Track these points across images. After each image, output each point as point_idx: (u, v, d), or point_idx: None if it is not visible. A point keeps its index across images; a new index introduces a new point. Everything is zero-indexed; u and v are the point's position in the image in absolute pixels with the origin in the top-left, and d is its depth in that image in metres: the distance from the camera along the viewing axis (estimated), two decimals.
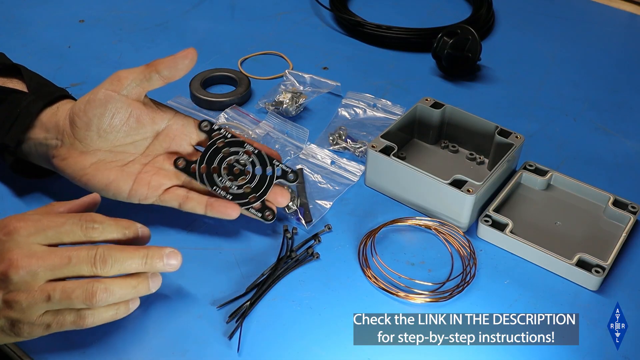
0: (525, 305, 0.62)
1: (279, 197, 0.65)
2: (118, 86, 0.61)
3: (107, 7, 1.08)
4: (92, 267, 0.50)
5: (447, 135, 0.80)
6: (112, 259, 0.51)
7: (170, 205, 0.64)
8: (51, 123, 0.64)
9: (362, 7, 1.09)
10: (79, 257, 0.50)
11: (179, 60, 0.60)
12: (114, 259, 0.51)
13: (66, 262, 0.50)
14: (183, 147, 0.65)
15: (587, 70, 0.98)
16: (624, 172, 0.79)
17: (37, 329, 0.51)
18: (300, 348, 0.58)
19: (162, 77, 0.61)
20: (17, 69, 0.70)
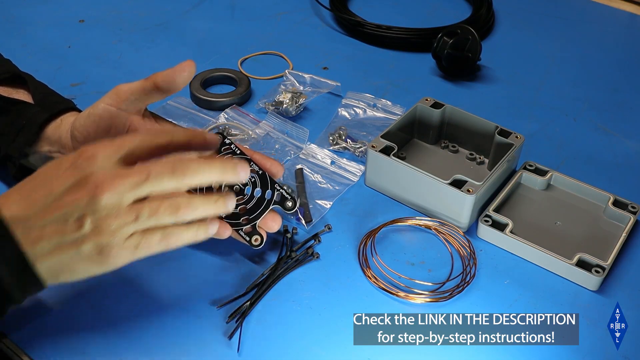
0: (525, 305, 0.62)
1: (270, 221, 0.63)
2: (117, 101, 0.60)
3: (107, 7, 1.08)
4: (173, 178, 0.50)
5: (447, 135, 0.80)
6: (190, 168, 0.51)
7: None
8: (55, 137, 0.64)
9: (362, 7, 1.09)
10: (157, 170, 0.50)
11: (176, 73, 0.59)
12: (192, 169, 0.51)
13: (145, 177, 0.49)
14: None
15: (587, 70, 0.98)
16: (624, 172, 0.79)
17: (125, 253, 0.50)
18: (300, 348, 0.58)
19: (161, 91, 0.60)
20: (22, 78, 0.69)
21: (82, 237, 0.49)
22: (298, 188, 0.73)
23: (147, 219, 0.50)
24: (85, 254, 0.49)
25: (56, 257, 0.49)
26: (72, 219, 0.49)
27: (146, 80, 0.60)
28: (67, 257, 0.49)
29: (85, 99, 0.87)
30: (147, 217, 0.50)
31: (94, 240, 0.49)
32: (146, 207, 0.50)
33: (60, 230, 0.49)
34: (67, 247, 0.49)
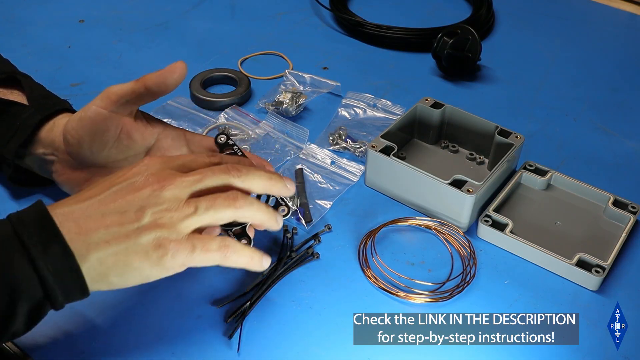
0: (525, 305, 0.62)
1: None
2: (108, 103, 0.60)
3: (107, 7, 1.08)
4: (228, 175, 0.52)
5: (447, 135, 0.80)
6: (243, 170, 0.53)
7: None
8: (48, 139, 0.63)
9: (362, 7, 1.09)
10: (213, 169, 0.52)
11: (167, 75, 0.59)
12: (244, 171, 0.53)
13: (202, 176, 0.52)
14: None
15: (587, 70, 0.98)
16: (624, 172, 0.79)
17: (183, 252, 0.49)
18: (300, 348, 0.58)
19: (152, 93, 0.60)
20: (17, 79, 0.69)
21: (142, 227, 0.48)
22: (298, 188, 0.73)
23: (205, 210, 0.50)
24: (143, 246, 0.48)
25: (112, 247, 0.47)
26: (132, 210, 0.48)
27: (137, 82, 0.59)
28: (122, 248, 0.48)
29: (85, 99, 0.86)
30: (205, 209, 0.50)
31: (153, 231, 0.48)
32: (204, 199, 0.51)
33: (118, 220, 0.48)
34: (124, 237, 0.48)
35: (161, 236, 0.48)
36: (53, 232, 0.47)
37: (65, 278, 0.46)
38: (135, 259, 0.48)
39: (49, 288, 0.46)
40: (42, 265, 0.45)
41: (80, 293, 0.48)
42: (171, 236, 0.49)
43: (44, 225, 0.47)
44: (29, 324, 0.48)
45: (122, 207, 0.49)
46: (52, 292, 0.46)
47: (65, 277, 0.46)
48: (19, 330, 0.47)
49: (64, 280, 0.46)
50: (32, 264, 0.45)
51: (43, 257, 0.46)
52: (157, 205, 0.49)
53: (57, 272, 0.46)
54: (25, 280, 0.45)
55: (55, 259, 0.46)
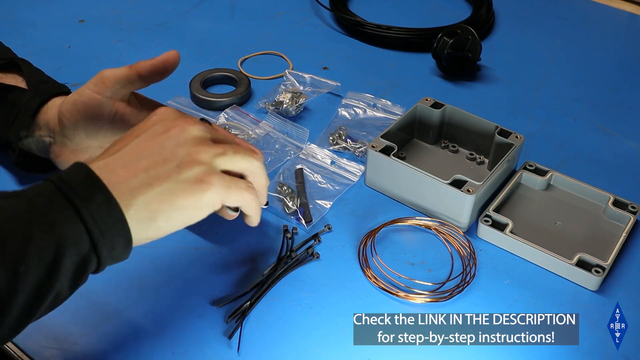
0: (525, 305, 0.62)
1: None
2: (102, 88, 0.60)
3: (107, 7, 1.08)
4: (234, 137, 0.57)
5: (447, 135, 0.80)
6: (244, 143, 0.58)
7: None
8: (43, 121, 0.65)
9: (362, 7, 1.09)
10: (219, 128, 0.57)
11: (160, 63, 0.59)
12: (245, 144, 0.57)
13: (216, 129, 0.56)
14: None
15: (587, 70, 0.98)
16: (624, 172, 0.79)
17: (222, 185, 0.51)
18: (300, 348, 0.58)
19: (145, 80, 0.60)
20: (17, 64, 0.70)
21: (180, 165, 0.49)
22: (298, 188, 0.73)
23: (234, 154, 0.52)
24: (185, 182, 0.49)
25: (155, 189, 0.48)
26: (166, 150, 0.50)
27: (130, 69, 0.60)
28: (166, 187, 0.48)
29: None
30: (233, 153, 0.52)
31: (192, 167, 0.49)
32: (229, 145, 0.53)
33: (155, 160, 0.49)
34: (165, 177, 0.49)
35: (202, 171, 0.50)
36: (95, 183, 0.46)
37: (111, 226, 0.46)
38: (179, 197, 0.49)
39: (94, 238, 0.45)
40: (87, 215, 0.45)
41: (124, 243, 0.47)
42: (211, 170, 0.50)
43: (85, 178, 0.47)
44: (73, 283, 0.46)
45: (156, 149, 0.50)
46: (97, 243, 0.46)
47: (110, 225, 0.46)
48: (63, 289, 0.46)
49: (109, 228, 0.46)
50: (78, 215, 0.45)
51: (87, 207, 0.45)
52: (189, 144, 0.50)
53: (102, 219, 0.46)
54: (72, 231, 0.45)
55: (99, 207, 0.46)
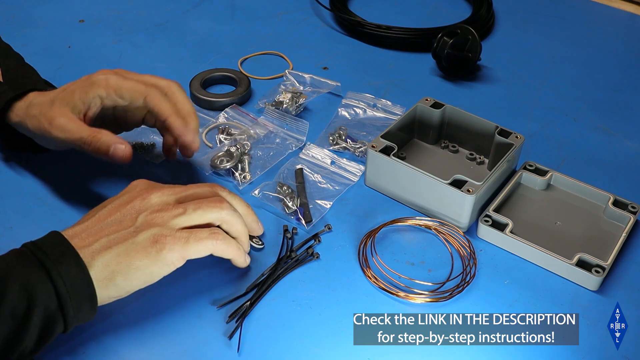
0: (525, 305, 0.62)
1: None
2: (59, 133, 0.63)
3: (107, 7, 1.08)
4: (213, 188, 0.61)
5: (447, 135, 0.80)
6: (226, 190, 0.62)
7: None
8: (20, 115, 0.67)
9: (362, 7, 1.09)
10: (199, 185, 0.61)
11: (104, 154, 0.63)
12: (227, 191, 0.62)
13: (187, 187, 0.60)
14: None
15: (587, 70, 0.98)
16: (624, 172, 0.79)
17: (178, 244, 0.54)
18: (300, 348, 0.58)
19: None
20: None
21: (137, 228, 0.54)
22: (298, 188, 0.73)
23: (194, 210, 0.56)
24: (141, 244, 0.53)
25: (113, 250, 0.53)
26: (127, 218, 0.55)
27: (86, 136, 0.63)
28: (123, 249, 0.53)
29: None
30: (193, 209, 0.56)
31: (148, 230, 0.54)
32: (192, 202, 0.57)
33: (115, 228, 0.54)
34: (122, 240, 0.53)
35: (156, 233, 0.54)
36: (66, 247, 0.52)
37: (77, 285, 0.51)
38: (136, 257, 0.53)
39: (62, 297, 0.50)
40: (55, 274, 0.50)
41: (89, 303, 0.51)
42: (165, 232, 0.54)
43: (56, 243, 0.52)
44: (40, 340, 0.50)
45: (118, 217, 0.55)
46: (64, 302, 0.50)
47: (76, 284, 0.51)
48: (29, 346, 0.50)
49: (75, 287, 0.50)
50: (48, 275, 0.50)
51: (57, 267, 0.50)
52: (148, 210, 0.56)
53: (69, 279, 0.50)
54: (41, 288, 0.49)
55: (68, 268, 0.50)
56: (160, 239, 0.54)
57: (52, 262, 0.50)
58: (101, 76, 0.65)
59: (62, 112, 0.63)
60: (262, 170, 0.76)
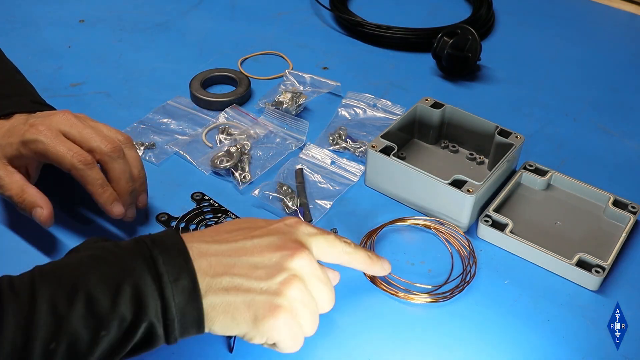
0: (525, 305, 0.62)
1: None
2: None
3: (108, 7, 1.08)
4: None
5: (447, 135, 0.80)
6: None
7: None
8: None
9: (362, 7, 1.09)
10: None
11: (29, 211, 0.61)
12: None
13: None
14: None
15: (587, 70, 0.98)
16: (624, 172, 0.79)
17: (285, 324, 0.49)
18: (301, 348, 0.58)
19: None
20: None
21: (267, 288, 0.48)
22: (298, 188, 0.73)
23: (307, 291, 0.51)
24: (259, 304, 0.48)
25: (230, 296, 0.47)
26: (265, 269, 0.49)
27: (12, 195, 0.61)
28: (239, 299, 0.48)
29: (85, 98, 0.87)
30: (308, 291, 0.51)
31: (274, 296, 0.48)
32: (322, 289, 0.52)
33: (247, 273, 0.49)
34: (245, 291, 0.48)
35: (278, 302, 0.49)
36: (186, 266, 0.47)
37: (187, 312, 0.46)
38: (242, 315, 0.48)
39: (169, 318, 0.46)
40: (169, 293, 0.45)
41: (196, 329, 0.47)
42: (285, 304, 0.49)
43: (178, 255, 0.47)
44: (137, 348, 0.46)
45: (255, 262, 0.49)
46: (170, 323, 0.46)
47: (187, 311, 0.46)
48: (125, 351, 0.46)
49: (185, 314, 0.46)
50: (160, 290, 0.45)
51: (172, 287, 0.45)
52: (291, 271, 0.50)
53: (181, 303, 0.46)
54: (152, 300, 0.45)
55: (183, 291, 0.46)
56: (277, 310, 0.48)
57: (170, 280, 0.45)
58: (33, 136, 0.60)
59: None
60: (262, 170, 0.76)
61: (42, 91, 0.74)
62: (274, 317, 0.48)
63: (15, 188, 0.61)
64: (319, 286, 0.51)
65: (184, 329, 0.46)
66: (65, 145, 0.60)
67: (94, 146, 0.61)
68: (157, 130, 0.82)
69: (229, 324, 0.48)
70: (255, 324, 0.48)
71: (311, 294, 0.51)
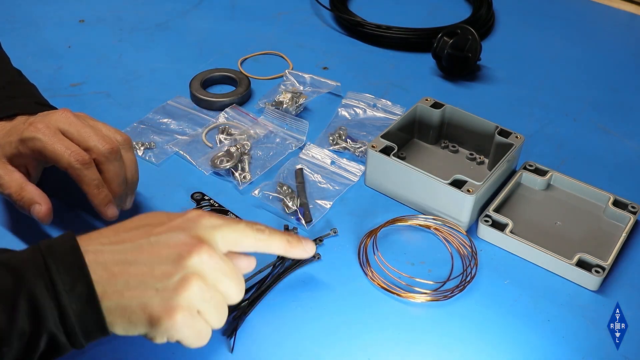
0: (525, 305, 0.62)
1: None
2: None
3: (108, 7, 1.08)
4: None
5: (447, 135, 0.80)
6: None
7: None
8: None
9: (362, 7, 1.09)
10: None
11: (27, 208, 0.61)
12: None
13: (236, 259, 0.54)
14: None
15: (587, 70, 0.98)
16: (624, 172, 0.79)
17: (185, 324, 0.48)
18: (301, 348, 0.58)
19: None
20: None
21: (163, 288, 0.47)
22: (298, 188, 0.73)
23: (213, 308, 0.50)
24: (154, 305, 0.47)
25: (125, 300, 0.46)
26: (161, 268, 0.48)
27: (12, 193, 0.61)
28: (134, 302, 0.46)
29: (85, 98, 0.87)
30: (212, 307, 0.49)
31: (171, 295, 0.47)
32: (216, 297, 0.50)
33: (143, 274, 0.47)
34: (140, 292, 0.47)
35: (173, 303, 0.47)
36: (81, 272, 0.46)
37: (87, 319, 0.45)
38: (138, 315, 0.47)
39: (69, 326, 0.45)
40: (65, 302, 0.44)
41: (101, 333, 0.46)
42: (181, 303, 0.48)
43: (73, 262, 0.46)
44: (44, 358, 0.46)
45: (152, 262, 0.48)
46: (71, 331, 0.45)
47: (86, 318, 0.45)
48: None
49: (84, 321, 0.45)
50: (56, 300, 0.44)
51: (68, 295, 0.45)
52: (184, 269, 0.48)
53: (78, 310, 0.45)
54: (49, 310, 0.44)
55: (80, 298, 0.45)
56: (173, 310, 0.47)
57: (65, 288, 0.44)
58: (31, 134, 0.60)
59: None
60: (262, 170, 0.76)
61: (42, 91, 0.74)
62: (170, 318, 0.47)
63: (14, 186, 0.61)
64: (222, 280, 0.50)
65: (88, 334, 0.46)
66: (63, 144, 0.60)
67: (91, 145, 0.61)
68: (157, 130, 0.82)
69: (127, 327, 0.47)
70: (152, 326, 0.47)
71: (215, 288, 0.49)
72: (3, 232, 0.67)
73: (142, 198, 0.72)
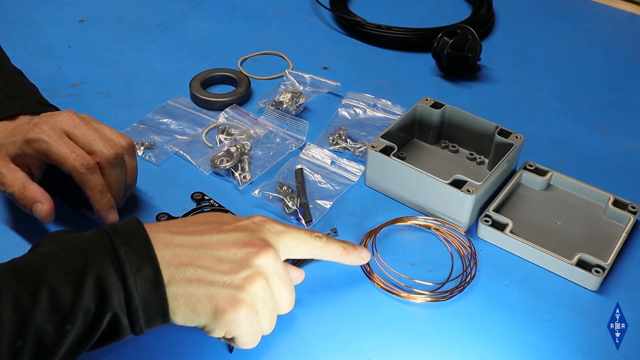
0: (525, 305, 0.62)
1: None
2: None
3: (107, 7, 1.08)
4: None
5: (447, 135, 0.80)
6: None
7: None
8: None
9: (362, 7, 1.09)
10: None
11: (29, 208, 0.61)
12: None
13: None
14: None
15: (587, 70, 0.98)
16: (624, 172, 0.79)
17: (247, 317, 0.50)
18: (301, 348, 0.58)
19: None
20: None
21: (230, 282, 0.48)
22: (298, 188, 0.73)
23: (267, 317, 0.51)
24: (220, 297, 0.48)
25: (192, 288, 0.47)
26: (229, 263, 0.49)
27: (14, 192, 0.61)
28: (202, 291, 0.47)
29: (85, 98, 0.87)
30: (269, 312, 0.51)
31: (236, 290, 0.48)
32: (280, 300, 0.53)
33: (211, 266, 0.49)
34: (208, 283, 0.48)
35: (239, 297, 0.49)
36: (149, 255, 0.46)
37: (151, 302, 0.46)
38: (204, 307, 0.48)
39: (133, 308, 0.45)
40: (132, 283, 0.45)
41: (161, 319, 0.47)
42: (247, 299, 0.49)
43: (141, 245, 0.47)
44: (104, 340, 0.47)
45: (220, 256, 0.49)
46: (134, 313, 0.46)
47: (150, 301, 0.46)
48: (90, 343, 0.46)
49: (148, 304, 0.46)
50: (123, 280, 0.45)
51: (134, 277, 0.45)
52: (256, 268, 0.50)
53: (144, 293, 0.46)
54: (115, 291, 0.45)
55: (146, 281, 0.46)
56: (238, 304, 0.48)
57: (132, 270, 0.45)
58: (36, 135, 0.60)
59: (1, 163, 0.62)
60: (262, 170, 0.76)
61: (42, 91, 0.75)
62: (235, 311, 0.48)
63: (17, 185, 0.61)
64: (281, 286, 0.52)
65: (149, 318, 0.46)
66: (68, 147, 0.60)
67: (96, 149, 0.61)
68: (157, 130, 0.82)
69: (190, 316, 0.48)
70: (216, 317, 0.48)
71: (272, 293, 0.51)
72: (6, 231, 0.67)
73: (142, 198, 0.72)
